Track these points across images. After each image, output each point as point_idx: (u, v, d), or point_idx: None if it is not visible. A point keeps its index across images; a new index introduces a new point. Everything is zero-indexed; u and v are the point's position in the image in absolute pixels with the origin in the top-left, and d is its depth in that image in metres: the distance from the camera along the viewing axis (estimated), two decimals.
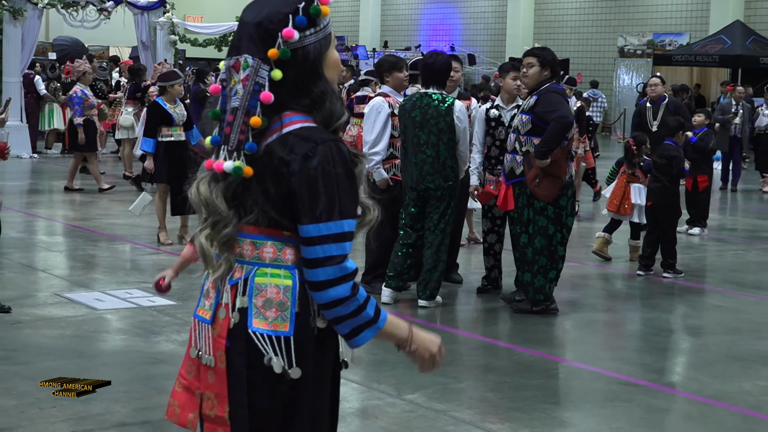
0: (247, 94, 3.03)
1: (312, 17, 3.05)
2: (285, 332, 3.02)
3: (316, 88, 3.08)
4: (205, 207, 3.08)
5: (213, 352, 3.08)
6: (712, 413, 6.63)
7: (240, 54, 3.07)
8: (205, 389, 3.12)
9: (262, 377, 3.04)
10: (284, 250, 3.05)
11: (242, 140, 3.02)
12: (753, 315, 9.68)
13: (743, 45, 29.27)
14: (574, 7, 36.57)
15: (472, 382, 7.10)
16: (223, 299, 3.07)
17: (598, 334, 8.95)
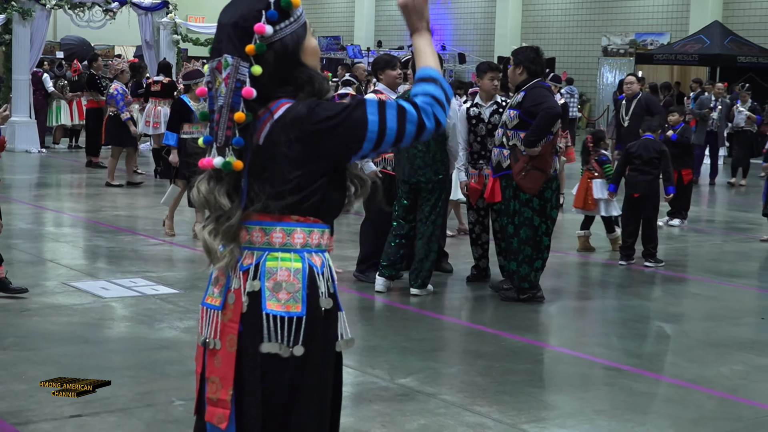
0: (230, 92, 3.05)
1: (284, 10, 3.07)
2: (298, 313, 3.03)
3: (300, 75, 3.10)
4: (206, 204, 3.09)
5: (222, 336, 3.08)
6: (691, 396, 6.65)
7: (221, 55, 3.08)
8: (210, 373, 3.11)
9: (273, 359, 3.04)
10: (293, 235, 3.07)
11: (229, 136, 3.04)
12: (730, 302, 9.70)
13: (722, 44, 29.28)
14: (559, 8, 36.57)
15: (461, 366, 7.11)
16: (234, 285, 3.08)
17: (581, 321, 8.97)
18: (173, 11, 23.82)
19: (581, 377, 7.10)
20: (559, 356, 7.63)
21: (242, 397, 3.05)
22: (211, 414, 3.10)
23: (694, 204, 15.28)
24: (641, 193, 10.96)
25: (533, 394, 6.51)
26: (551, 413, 6.16)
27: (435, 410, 6.11)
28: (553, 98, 8.97)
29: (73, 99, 23.05)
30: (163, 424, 5.66)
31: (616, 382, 6.91)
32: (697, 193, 17.76)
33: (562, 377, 7.08)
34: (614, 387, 6.81)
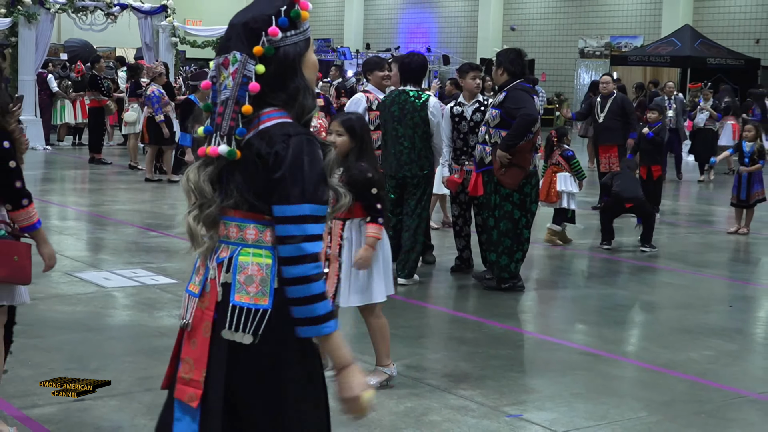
0: (236, 86, 3.06)
1: (293, 20, 3.08)
2: (264, 305, 3.02)
3: (292, 83, 3.10)
4: (193, 192, 3.10)
5: (198, 322, 3.09)
6: (663, 380, 6.66)
7: (229, 52, 3.09)
8: (186, 354, 3.13)
9: (247, 348, 3.03)
10: (265, 232, 3.06)
11: (233, 126, 3.05)
12: (700, 291, 9.73)
13: (692, 47, 29.38)
14: (538, 12, 36.62)
15: (446, 352, 7.12)
16: (210, 275, 3.09)
17: (560, 309, 8.98)
18: (171, 15, 23.85)
19: (559, 362, 7.10)
20: (539, 342, 7.64)
21: (209, 379, 3.06)
22: (181, 392, 3.12)
23: (665, 198, 15.34)
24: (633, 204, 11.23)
25: (514, 378, 6.52)
26: (531, 396, 6.17)
27: (421, 394, 6.11)
28: (531, 102, 8.91)
29: (76, 99, 23.04)
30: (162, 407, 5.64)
31: (592, 367, 6.92)
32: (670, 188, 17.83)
33: (542, 362, 7.09)
34: (591, 371, 6.82)
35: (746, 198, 12.89)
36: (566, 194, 11.45)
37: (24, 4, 21.51)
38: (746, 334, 8.19)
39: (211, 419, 3.05)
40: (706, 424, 5.81)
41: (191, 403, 3.08)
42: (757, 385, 6.65)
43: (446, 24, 39.54)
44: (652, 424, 5.75)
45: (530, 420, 5.73)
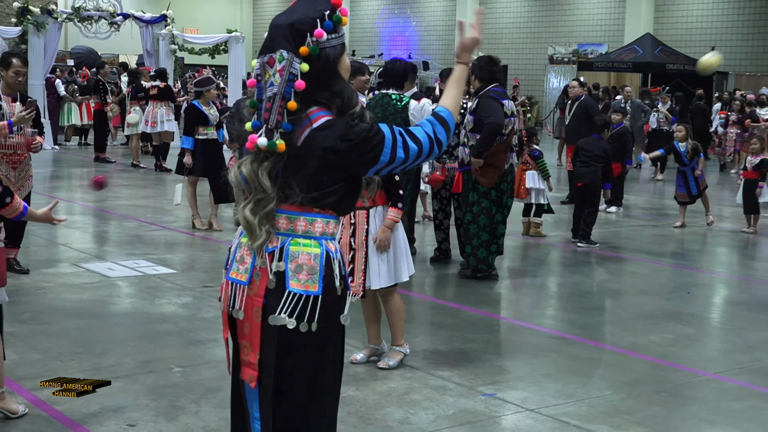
0: (283, 82, 3.08)
1: (335, 24, 3.11)
2: (315, 292, 3.08)
3: (335, 84, 3.15)
4: (247, 184, 3.10)
5: (248, 308, 3.12)
6: (626, 361, 6.68)
7: (274, 51, 3.10)
8: (242, 339, 3.18)
9: (293, 331, 3.08)
10: (314, 224, 3.11)
11: (280, 120, 3.07)
12: (660, 279, 9.76)
13: (653, 54, 29.43)
14: (511, 21, 36.65)
15: (426, 336, 7.12)
16: (259, 264, 3.11)
17: (531, 296, 8.99)
18: (171, 24, 23.82)
19: (531, 345, 7.11)
20: (512, 327, 7.65)
21: (262, 360, 3.12)
22: (245, 373, 3.18)
23: (628, 193, 15.38)
24: (584, 183, 11.18)
25: (489, 360, 6.52)
26: (505, 377, 6.17)
27: (403, 374, 6.11)
28: (498, 110, 8.80)
29: (82, 102, 22.97)
30: (163, 389, 5.64)
31: (561, 350, 6.94)
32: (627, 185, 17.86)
33: (514, 345, 7.10)
34: (560, 354, 6.84)
35: (697, 192, 12.97)
36: (534, 190, 11.51)
37: (33, 14, 21.53)
38: (702, 318, 8.21)
39: (266, 396, 3.13)
40: (666, 401, 5.83)
41: (251, 383, 3.14)
42: (713, 365, 6.67)
43: (426, 32, 39.53)
44: (616, 402, 5.77)
45: (504, 399, 5.73)
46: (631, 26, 32.33)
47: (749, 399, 5.93)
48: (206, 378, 5.84)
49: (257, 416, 3.17)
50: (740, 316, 8.22)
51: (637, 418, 5.48)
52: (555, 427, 5.28)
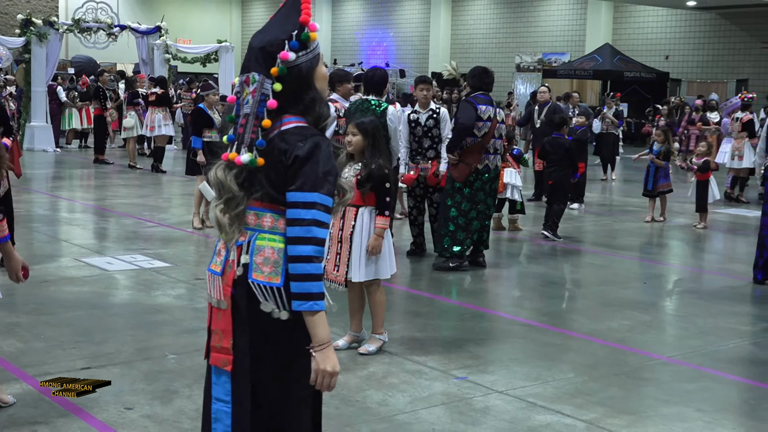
0: (255, 103, 3.07)
1: (303, 41, 3.08)
2: (276, 284, 3.04)
3: (307, 96, 3.11)
4: (220, 187, 3.12)
5: (222, 297, 3.12)
6: (588, 346, 6.70)
7: (249, 72, 3.11)
8: (215, 326, 3.17)
9: (261, 317, 3.06)
10: (279, 221, 3.07)
11: (254, 138, 3.06)
12: (619, 270, 9.80)
13: (611, 62, 29.57)
14: (481, 32, 36.69)
15: (402, 324, 7.12)
16: (231, 256, 3.11)
17: (500, 286, 9.01)
18: (165, 35, 23.79)
19: (500, 332, 7.13)
20: (482, 315, 7.66)
21: (235, 346, 3.10)
22: (215, 359, 3.16)
23: (588, 191, 15.44)
24: (552, 180, 11.29)
25: (461, 346, 6.53)
26: (476, 361, 6.18)
27: (381, 360, 6.11)
28: (469, 113, 9.02)
29: (82, 107, 22.88)
30: (158, 374, 5.63)
31: (528, 336, 6.95)
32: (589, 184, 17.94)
33: (484, 332, 7.11)
34: (527, 339, 6.85)
35: (653, 188, 13.10)
36: (511, 186, 11.58)
37: (36, 25, 21.48)
38: (658, 306, 8.26)
39: (241, 379, 3.11)
40: (624, 383, 5.85)
41: (225, 367, 3.12)
42: (668, 349, 6.71)
43: (402, 42, 39.52)
44: (578, 383, 5.78)
45: (475, 382, 5.74)
46: (591, 37, 32.45)
47: (700, 380, 5.96)
48: (199, 364, 5.81)
49: (226, 399, 3.15)
50: (692, 304, 8.27)
51: (597, 398, 5.50)
52: (522, 408, 5.30)
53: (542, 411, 5.25)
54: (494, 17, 36.33)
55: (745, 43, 29.59)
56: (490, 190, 9.25)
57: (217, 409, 3.17)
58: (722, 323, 7.48)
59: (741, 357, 6.60)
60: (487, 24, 36.55)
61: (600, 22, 32.51)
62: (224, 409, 3.15)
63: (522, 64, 35.24)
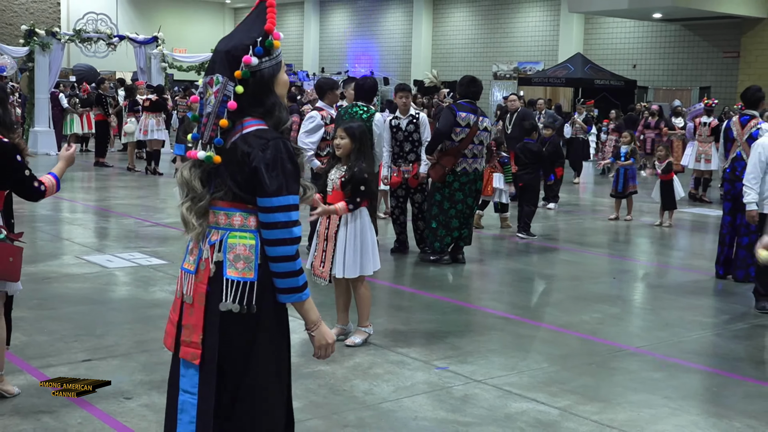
0: (217, 103, 3.05)
1: (267, 48, 3.07)
2: (251, 278, 3.03)
3: (268, 100, 3.10)
4: (185, 186, 3.11)
5: (194, 294, 3.08)
6: (561, 338, 6.72)
7: (213, 74, 3.09)
8: (186, 321, 3.12)
9: (232, 315, 3.04)
10: (249, 219, 3.06)
11: (213, 136, 3.05)
12: (590, 266, 9.83)
13: (583, 71, 29.64)
14: (460, 43, 36.72)
15: (386, 317, 7.12)
16: (204, 255, 3.08)
17: (478, 281, 9.02)
18: (161, 44, 23.72)
19: (478, 325, 7.14)
20: (461, 308, 7.67)
21: (205, 341, 3.07)
22: (185, 352, 3.11)
23: (562, 193, 15.47)
24: (523, 183, 11.31)
25: (441, 338, 6.54)
26: (455, 352, 6.19)
27: (366, 351, 6.11)
28: (448, 119, 9.15)
29: (83, 113, 22.78)
30: (155, 366, 5.60)
31: (505, 328, 6.96)
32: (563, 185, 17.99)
33: (464, 325, 7.12)
34: (503, 331, 6.86)
35: (623, 190, 13.19)
36: (498, 190, 11.68)
37: (39, 36, 21.42)
38: (626, 300, 8.28)
39: (209, 372, 3.07)
40: (595, 372, 5.87)
41: (194, 361, 3.09)
42: (635, 340, 6.73)
43: (386, 52, 39.51)
44: (552, 372, 5.80)
45: (455, 371, 5.75)
46: (563, 47, 32.54)
47: (666, 369, 5.99)
48: None
49: (192, 391, 3.11)
50: (658, 297, 8.30)
51: (570, 386, 5.52)
52: (499, 396, 5.30)
53: (518, 399, 5.26)
54: (472, 28, 36.37)
55: (707, 52, 29.73)
56: (470, 191, 9.26)
57: (184, 401, 3.13)
58: (686, 316, 7.51)
59: (704, 347, 6.63)
60: (466, 34, 36.59)
61: (572, 32, 32.60)
62: (190, 400, 3.12)
63: (498, 73, 35.28)
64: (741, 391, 5.58)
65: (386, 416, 4.91)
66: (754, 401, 5.39)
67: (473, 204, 9.41)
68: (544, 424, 4.87)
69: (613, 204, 13.54)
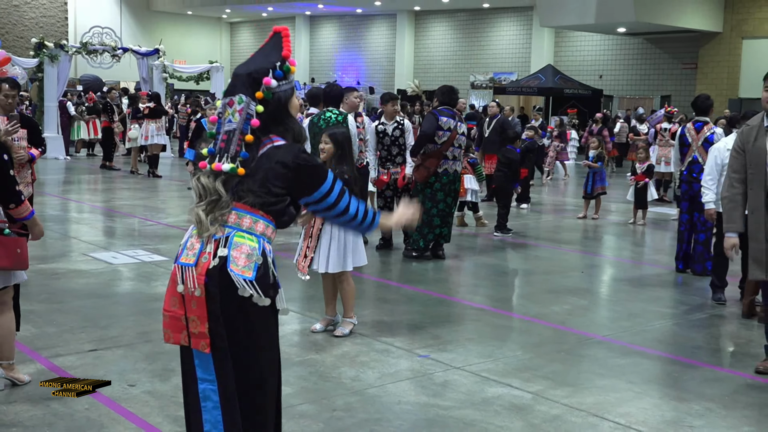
0: (242, 120, 3.10)
1: (285, 73, 3.14)
2: (249, 277, 3.03)
3: (287, 120, 3.19)
4: (203, 191, 3.11)
5: (195, 285, 3.06)
6: (534, 328, 6.73)
7: (234, 94, 3.13)
8: (190, 314, 3.09)
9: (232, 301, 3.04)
10: (257, 224, 3.09)
11: (238, 150, 3.10)
12: (560, 262, 9.85)
13: (553, 81, 29.71)
14: (440, 54, 36.75)
15: (372, 309, 7.11)
16: (207, 249, 3.07)
17: (458, 275, 9.02)
18: (162, 56, 23.67)
19: (457, 315, 7.14)
20: (441, 301, 7.67)
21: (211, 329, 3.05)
22: (195, 343, 3.10)
23: (534, 193, 15.50)
24: (497, 185, 11.36)
25: (423, 328, 6.54)
26: (436, 341, 6.19)
27: (354, 340, 6.10)
28: (431, 123, 9.17)
29: (89, 120, 22.66)
30: (157, 355, 5.58)
31: (482, 319, 6.97)
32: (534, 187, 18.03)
33: (444, 315, 7.12)
34: (480, 322, 6.87)
35: (591, 191, 13.22)
36: (470, 190, 11.66)
37: (48, 48, 21.36)
38: (594, 292, 8.31)
39: (222, 357, 3.07)
40: (565, 359, 5.88)
41: (204, 350, 3.07)
42: (602, 330, 6.75)
43: (372, 63, 39.48)
44: (525, 360, 5.81)
45: (436, 359, 5.75)
46: (535, 58, 32.62)
47: (630, 356, 6.01)
48: None
49: (210, 378, 3.11)
50: (623, 290, 8.33)
51: (542, 372, 5.53)
52: (477, 381, 5.31)
53: (494, 384, 5.27)
54: (451, 41, 36.40)
55: (668, 64, 29.87)
56: (450, 191, 9.28)
57: (204, 389, 3.12)
58: (649, 307, 7.54)
59: (665, 336, 6.66)
60: (446, 47, 36.62)
61: (543, 45, 32.69)
62: (210, 387, 3.11)
63: (475, 82, 35.32)
64: (699, 376, 5.60)
65: (372, 401, 4.91)
66: (711, 385, 5.41)
67: (452, 203, 9.42)
68: (518, 407, 4.88)
69: (582, 203, 13.58)
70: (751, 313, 7.22)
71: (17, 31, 38.78)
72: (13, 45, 35.84)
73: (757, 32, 27.47)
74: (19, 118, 6.97)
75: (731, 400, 5.14)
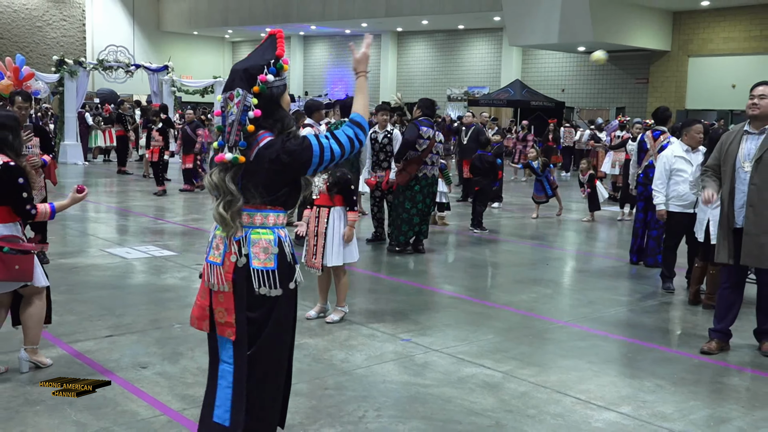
0: (239, 112, 3.06)
1: (278, 70, 3.12)
2: (271, 267, 3.07)
3: (278, 113, 3.14)
4: (216, 189, 3.09)
5: (224, 282, 3.08)
6: (503, 314, 6.74)
7: (233, 89, 3.10)
8: (217, 306, 3.13)
9: (255, 297, 3.08)
10: (268, 217, 3.11)
11: (237, 140, 3.07)
12: (529, 256, 9.87)
13: (521, 94, 29.80)
14: (420, 70, 36.78)
15: (362, 298, 7.10)
16: (232, 249, 3.08)
17: (436, 268, 9.02)
18: (171, 72, 23.58)
19: (435, 304, 7.14)
20: (422, 290, 7.67)
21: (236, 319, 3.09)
22: (221, 331, 3.14)
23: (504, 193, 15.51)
24: (479, 187, 11.38)
25: (406, 315, 6.53)
26: (417, 327, 6.19)
27: (344, 326, 6.09)
28: (413, 132, 9.23)
29: (105, 129, 22.61)
30: (167, 340, 5.55)
31: (458, 306, 6.97)
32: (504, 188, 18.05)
33: (424, 304, 7.12)
34: (456, 309, 6.87)
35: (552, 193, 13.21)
36: (440, 192, 11.62)
37: (68, 64, 21.28)
38: (557, 282, 8.32)
39: (241, 346, 3.11)
40: (531, 342, 5.89)
41: (230, 337, 3.11)
42: (564, 316, 6.77)
43: None
44: (497, 342, 5.81)
45: (417, 343, 5.74)
46: (505, 73, 32.69)
47: (590, 339, 6.03)
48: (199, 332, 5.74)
49: (230, 361, 3.14)
50: (583, 280, 8.35)
51: (511, 354, 5.54)
52: (453, 362, 5.31)
53: (469, 365, 5.27)
54: (430, 58, 36.43)
55: (622, 79, 30.01)
56: (428, 193, 9.30)
57: (223, 369, 3.17)
58: (606, 295, 7.57)
59: (620, 320, 6.68)
60: (425, 63, 36.65)
61: (512, 62, 32.77)
62: (228, 368, 3.15)
63: (452, 95, 35.37)
64: (651, 357, 5.63)
65: (360, 380, 4.90)
66: (662, 364, 5.44)
67: (430, 204, 9.43)
68: (490, 385, 4.89)
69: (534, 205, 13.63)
70: (696, 300, 7.26)
71: (40, 50, 38.58)
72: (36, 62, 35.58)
73: (701, 51, 27.65)
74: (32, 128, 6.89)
75: (679, 377, 5.16)
